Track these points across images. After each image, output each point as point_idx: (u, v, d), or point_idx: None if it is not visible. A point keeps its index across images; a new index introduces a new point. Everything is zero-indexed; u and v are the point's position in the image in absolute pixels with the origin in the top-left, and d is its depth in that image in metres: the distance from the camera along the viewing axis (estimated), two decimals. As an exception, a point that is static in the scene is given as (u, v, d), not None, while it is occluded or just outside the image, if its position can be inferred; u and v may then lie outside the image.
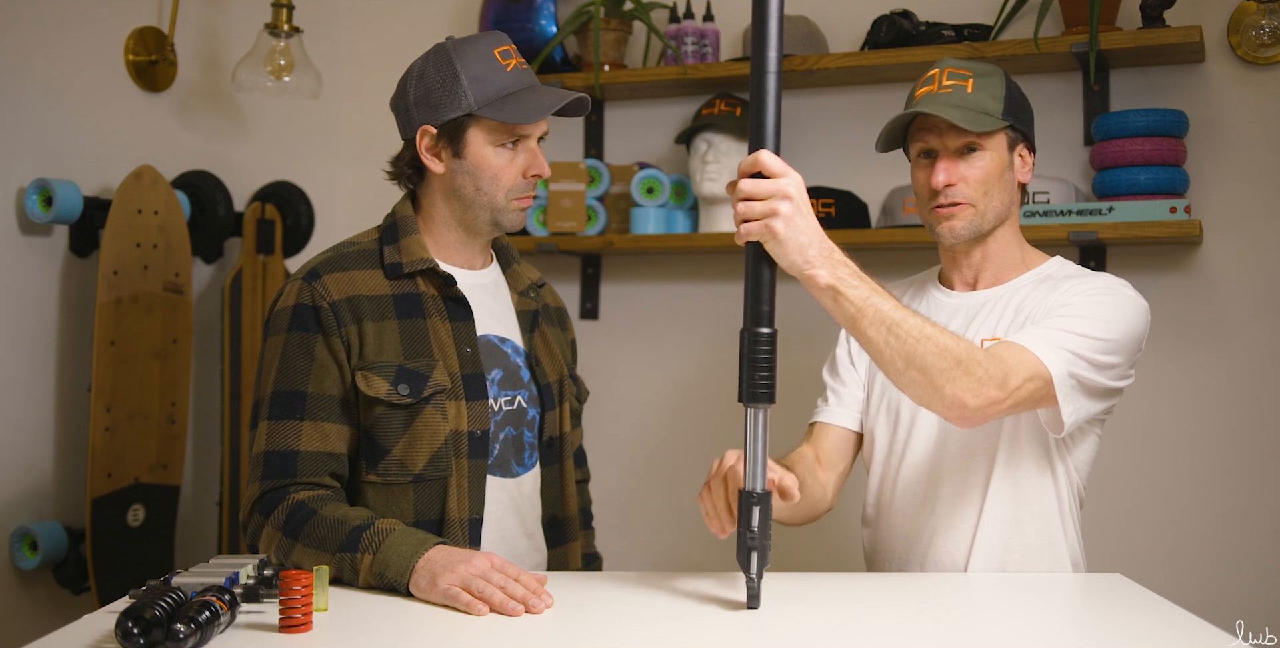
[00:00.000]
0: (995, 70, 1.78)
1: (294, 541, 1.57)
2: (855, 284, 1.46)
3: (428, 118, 1.70)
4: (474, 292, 1.76)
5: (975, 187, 1.74)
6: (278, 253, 2.72)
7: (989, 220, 1.76)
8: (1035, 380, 1.57)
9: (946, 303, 1.84)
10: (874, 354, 1.52)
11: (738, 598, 1.47)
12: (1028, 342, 1.59)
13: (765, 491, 1.41)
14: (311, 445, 1.63)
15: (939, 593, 1.57)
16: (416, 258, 1.71)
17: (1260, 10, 2.35)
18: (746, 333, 1.40)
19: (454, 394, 1.67)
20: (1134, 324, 1.68)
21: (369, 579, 1.51)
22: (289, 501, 1.60)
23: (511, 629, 1.39)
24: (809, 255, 1.42)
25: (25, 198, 2.22)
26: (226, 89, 2.70)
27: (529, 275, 1.88)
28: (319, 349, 1.65)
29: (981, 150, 1.74)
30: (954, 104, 1.73)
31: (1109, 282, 1.73)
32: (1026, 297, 1.76)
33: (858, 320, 1.48)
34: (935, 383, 1.50)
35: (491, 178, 1.70)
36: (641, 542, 2.83)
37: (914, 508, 1.82)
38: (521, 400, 1.76)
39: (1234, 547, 2.41)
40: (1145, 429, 2.47)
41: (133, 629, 1.19)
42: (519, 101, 1.68)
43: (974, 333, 1.77)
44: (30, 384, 2.27)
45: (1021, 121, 1.77)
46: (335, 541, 1.54)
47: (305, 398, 1.64)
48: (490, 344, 1.75)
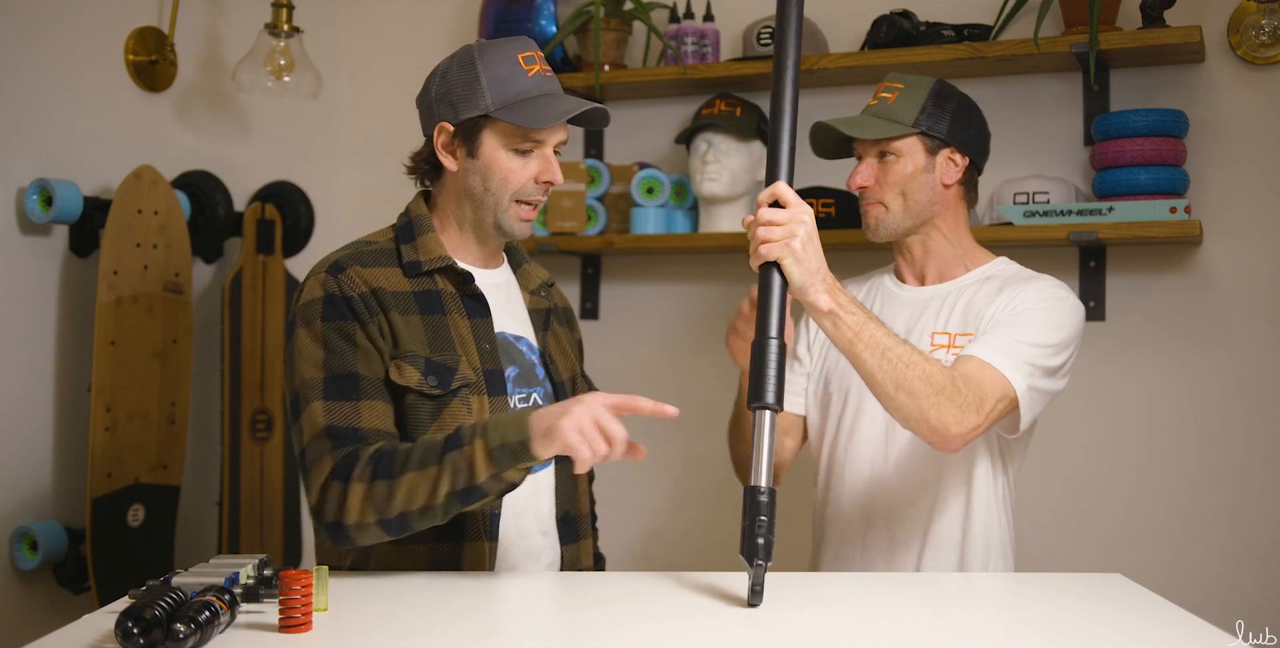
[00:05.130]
0: (924, 82, 1.95)
1: (390, 479, 1.53)
2: (853, 311, 1.64)
3: (447, 115, 1.71)
4: (489, 290, 1.77)
5: (885, 188, 1.92)
6: (278, 253, 2.72)
7: (906, 219, 1.92)
8: (1004, 400, 1.72)
9: (898, 295, 1.99)
10: (867, 377, 1.67)
11: (739, 598, 1.47)
12: (992, 358, 1.72)
13: (771, 486, 1.49)
14: (371, 423, 1.61)
15: (939, 593, 1.58)
16: (435, 256, 1.73)
17: (1260, 10, 2.35)
18: (756, 342, 1.55)
19: (478, 389, 1.69)
20: (1076, 328, 1.84)
21: (488, 465, 1.48)
22: (366, 454, 1.57)
23: (512, 629, 1.39)
24: (817, 281, 1.60)
25: (25, 198, 2.22)
26: (226, 89, 2.70)
27: (539, 275, 1.90)
28: (359, 336, 1.64)
29: (892, 155, 1.91)
30: (874, 114, 1.94)
31: (1054, 287, 1.87)
32: (974, 295, 1.90)
33: (854, 344, 1.64)
34: (922, 407, 1.64)
35: (501, 179, 1.71)
36: (641, 541, 2.83)
37: (863, 493, 1.93)
38: (537, 398, 1.77)
39: (1234, 547, 2.41)
40: (1145, 429, 2.47)
41: (133, 629, 1.19)
42: (536, 107, 1.68)
43: (922, 326, 1.91)
44: (30, 384, 2.27)
45: (941, 127, 1.91)
46: (434, 453, 1.51)
47: (359, 379, 1.62)
48: (506, 342, 1.77)
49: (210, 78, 2.70)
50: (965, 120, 1.95)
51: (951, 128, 1.92)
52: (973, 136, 1.96)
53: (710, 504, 2.77)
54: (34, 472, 2.27)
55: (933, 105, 1.92)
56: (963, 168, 1.94)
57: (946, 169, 1.93)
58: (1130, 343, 2.47)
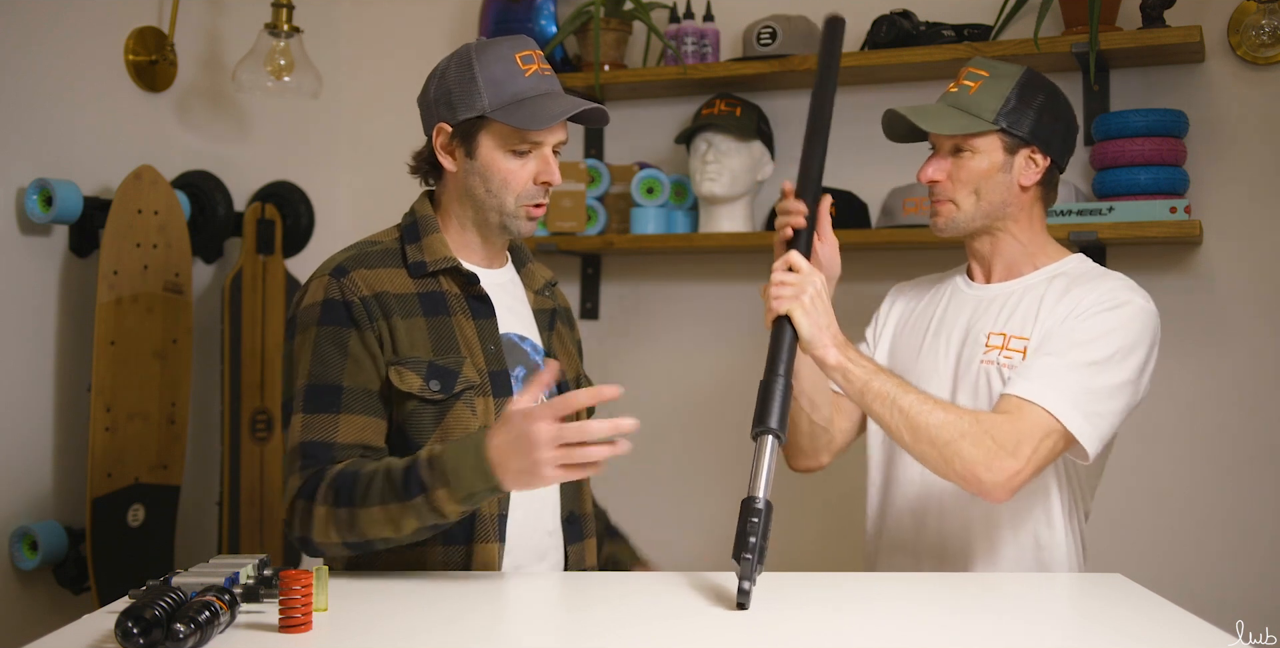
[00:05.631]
0: (1012, 72, 1.80)
1: (352, 507, 1.53)
2: (862, 364, 1.66)
3: (445, 116, 1.71)
4: (494, 290, 1.77)
5: (958, 186, 1.80)
6: (278, 253, 2.72)
7: (976, 219, 1.81)
8: (1051, 436, 1.64)
9: (965, 293, 1.89)
10: (883, 427, 1.67)
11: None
12: (1031, 393, 1.65)
13: (767, 500, 1.50)
14: (348, 437, 1.62)
15: (939, 593, 1.57)
16: (440, 256, 1.72)
17: (1260, 10, 2.35)
18: (764, 381, 1.60)
19: (482, 391, 1.68)
20: (1139, 333, 1.72)
21: (458, 507, 1.49)
22: (328, 475, 1.57)
23: (512, 629, 1.39)
24: (825, 337, 1.65)
25: (25, 198, 2.22)
26: (226, 89, 2.70)
27: (543, 275, 1.89)
28: (353, 344, 1.64)
29: (968, 152, 1.79)
30: (953, 104, 1.80)
31: (1115, 291, 1.75)
32: (1041, 295, 1.79)
33: (864, 396, 1.66)
34: (945, 456, 1.62)
35: (501, 182, 1.70)
36: (641, 541, 2.83)
37: (917, 500, 1.85)
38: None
39: (1234, 547, 2.41)
40: (1145, 429, 2.47)
41: (133, 629, 1.19)
42: (532, 107, 1.67)
43: (981, 325, 1.81)
44: (30, 384, 2.27)
45: (1025, 126, 1.78)
46: (394, 492, 1.51)
47: (341, 391, 1.63)
48: (512, 342, 1.76)
49: (210, 78, 2.70)
50: (1051, 117, 1.80)
51: (1035, 126, 1.78)
52: (1058, 135, 1.81)
53: (710, 503, 2.77)
54: (34, 472, 2.27)
55: (1017, 99, 1.77)
56: (1043, 169, 1.80)
57: (1026, 170, 1.80)
58: (1130, 343, 2.47)
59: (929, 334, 1.89)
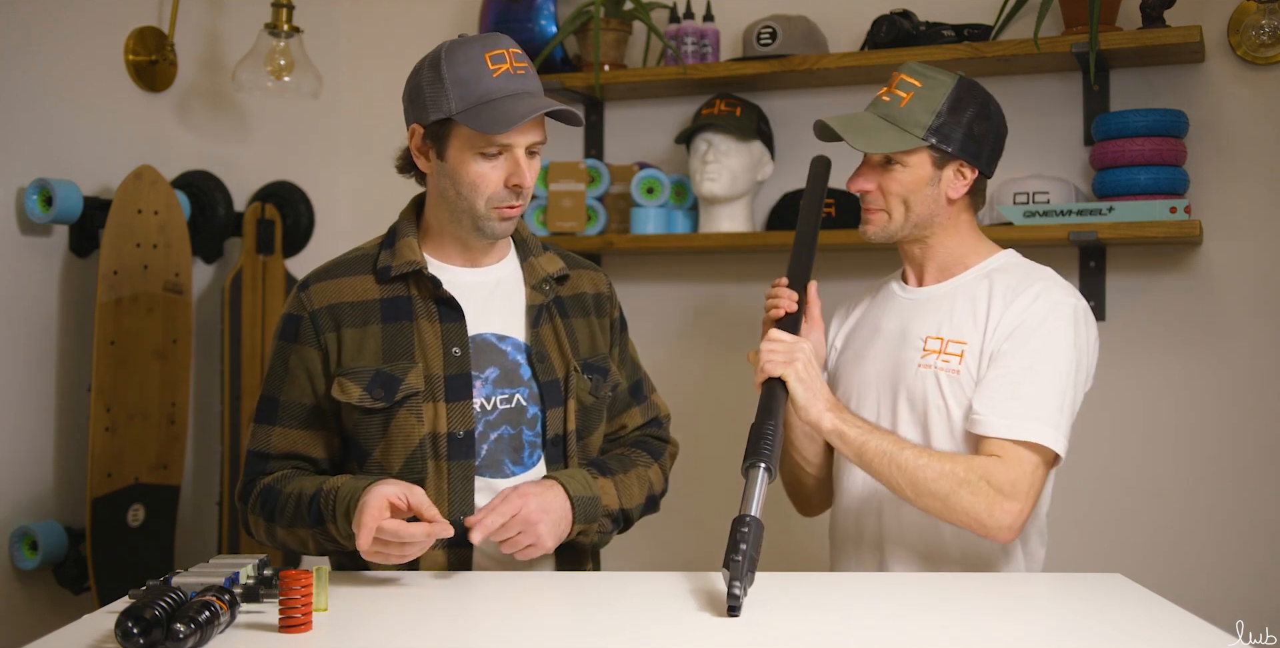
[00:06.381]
0: (945, 82, 1.80)
1: (272, 522, 1.69)
2: (857, 425, 1.71)
3: (419, 117, 1.69)
4: (474, 290, 1.75)
5: (888, 197, 1.82)
6: (278, 253, 2.72)
7: (905, 228, 1.84)
8: (1041, 466, 1.71)
9: (900, 297, 1.92)
10: (885, 484, 1.71)
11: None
12: (1015, 433, 1.69)
13: (756, 516, 1.53)
14: (281, 448, 1.73)
15: (938, 594, 1.57)
16: (405, 261, 1.72)
17: (1260, 10, 2.35)
18: (755, 424, 1.65)
19: (431, 396, 1.68)
20: (1085, 337, 1.78)
21: (348, 544, 1.59)
22: (258, 487, 1.72)
23: (512, 629, 1.38)
24: (820, 404, 1.70)
25: (25, 198, 2.22)
26: (226, 89, 2.70)
27: (546, 268, 1.81)
28: (292, 359, 1.73)
29: (898, 165, 1.80)
30: (883, 115, 1.81)
31: (1053, 303, 1.76)
32: (975, 295, 1.81)
33: (862, 456, 1.70)
34: (949, 506, 1.67)
35: (470, 185, 1.67)
36: (639, 540, 2.83)
37: (861, 501, 1.90)
38: (520, 399, 1.74)
39: (1234, 547, 2.41)
40: (1145, 429, 2.47)
41: (133, 629, 1.19)
42: (495, 110, 1.63)
43: (915, 329, 1.84)
44: (30, 384, 2.27)
45: (955, 141, 1.77)
46: (302, 518, 1.64)
47: (278, 405, 1.74)
48: (486, 343, 1.74)
49: (210, 78, 2.70)
50: (981, 131, 1.80)
51: (965, 140, 1.78)
52: (986, 145, 1.82)
53: (710, 503, 2.77)
54: (34, 472, 2.27)
55: (948, 113, 1.77)
56: (971, 181, 1.81)
57: (954, 183, 1.81)
58: (1130, 343, 2.47)
59: (869, 341, 1.91)
